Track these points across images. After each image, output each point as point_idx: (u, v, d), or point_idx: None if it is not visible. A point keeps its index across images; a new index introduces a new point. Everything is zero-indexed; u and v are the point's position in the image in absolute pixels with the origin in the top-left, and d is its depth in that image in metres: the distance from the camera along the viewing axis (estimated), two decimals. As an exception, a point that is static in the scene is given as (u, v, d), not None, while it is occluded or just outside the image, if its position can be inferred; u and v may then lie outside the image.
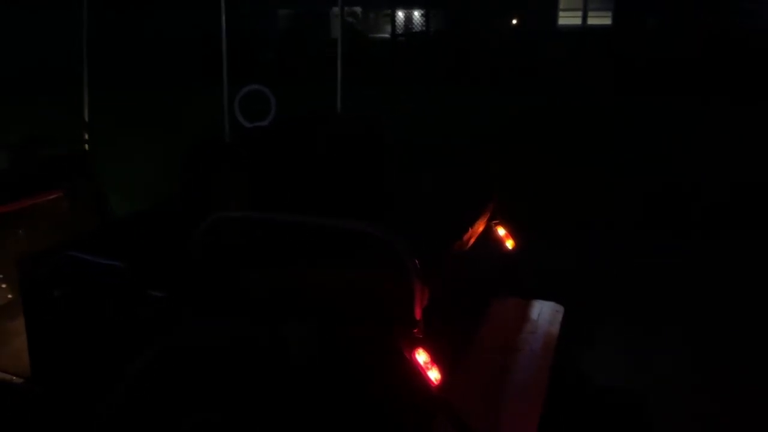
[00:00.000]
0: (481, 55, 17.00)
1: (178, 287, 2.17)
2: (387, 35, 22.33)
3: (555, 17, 18.72)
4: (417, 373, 1.93)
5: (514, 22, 19.56)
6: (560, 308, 2.95)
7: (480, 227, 2.70)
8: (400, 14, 22.35)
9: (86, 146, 3.61)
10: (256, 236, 2.13)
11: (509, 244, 3.00)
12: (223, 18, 2.34)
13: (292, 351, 2.03)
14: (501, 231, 3.00)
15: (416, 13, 22.38)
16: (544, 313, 2.90)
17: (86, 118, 3.62)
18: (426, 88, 13.77)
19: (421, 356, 1.95)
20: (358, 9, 23.27)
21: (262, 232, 2.12)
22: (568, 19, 18.68)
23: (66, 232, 3.29)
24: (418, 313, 1.94)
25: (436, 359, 1.95)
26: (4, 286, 3.08)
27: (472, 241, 2.60)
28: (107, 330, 2.31)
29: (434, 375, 1.95)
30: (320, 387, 2.01)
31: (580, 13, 18.34)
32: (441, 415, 1.98)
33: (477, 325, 2.76)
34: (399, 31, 21.85)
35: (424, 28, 21.55)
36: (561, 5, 18.67)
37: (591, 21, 18.18)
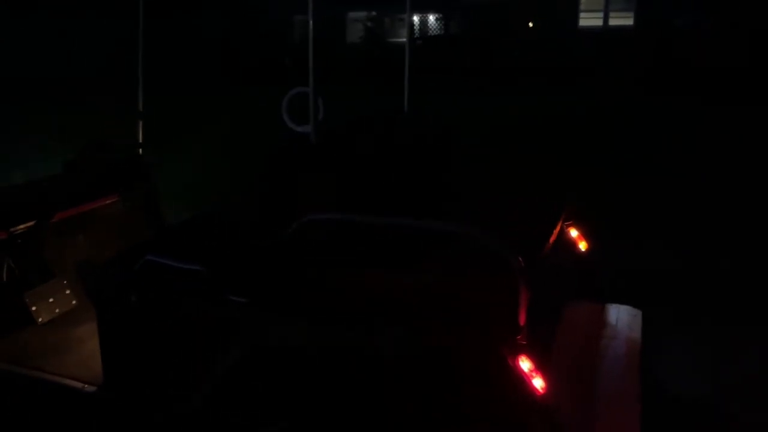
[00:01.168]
0: (506, 56, 16.93)
1: (263, 291, 2.11)
2: (404, 39, 22.31)
3: (576, 19, 18.60)
4: (521, 382, 1.85)
5: (531, 24, 19.49)
6: (637, 312, 2.86)
7: (558, 229, 2.62)
8: (416, 18, 22.32)
9: (140, 150, 3.57)
10: (344, 238, 2.06)
11: (582, 246, 2.91)
12: (310, 22, 2.27)
13: (385, 356, 1.96)
14: (574, 233, 2.91)
15: (431, 17, 22.38)
16: (622, 317, 2.81)
17: (140, 122, 3.57)
18: (451, 89, 13.70)
19: (525, 364, 1.87)
20: (373, 14, 23.28)
21: (349, 233, 2.05)
22: (588, 20, 18.55)
23: (123, 237, 3.24)
24: (522, 318, 1.86)
25: (540, 367, 1.87)
26: (68, 292, 3.04)
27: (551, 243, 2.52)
28: (186, 335, 2.25)
29: (539, 383, 1.87)
30: (414, 394, 1.94)
31: (601, 14, 18.21)
32: (544, 426, 1.90)
33: (554, 331, 2.68)
34: (416, 35, 21.82)
35: (442, 32, 21.53)
36: (582, 6, 18.54)
37: (612, 22, 18.04)
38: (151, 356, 2.35)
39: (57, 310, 2.97)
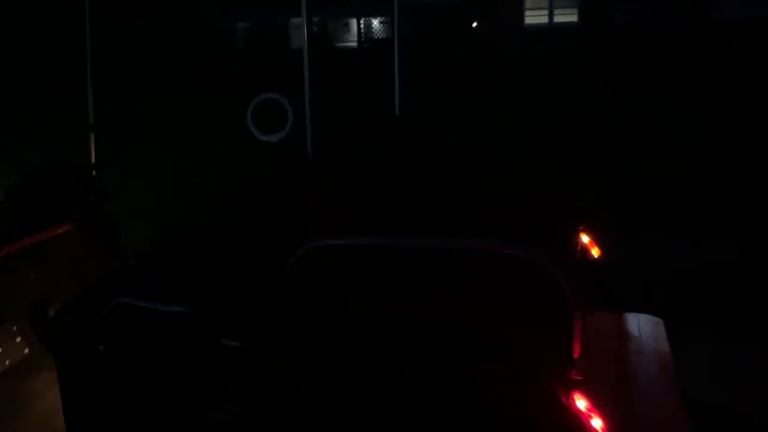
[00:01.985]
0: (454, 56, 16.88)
1: (264, 331, 1.79)
2: (350, 43, 22.07)
3: (522, 17, 18.70)
4: (578, 423, 1.59)
5: (475, 24, 19.49)
6: (659, 321, 2.64)
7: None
8: (359, 22, 22.09)
9: (93, 170, 3.17)
10: (359, 260, 1.77)
11: (595, 252, 2.69)
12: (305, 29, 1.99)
13: (414, 398, 1.67)
14: (585, 238, 2.69)
15: (375, 21, 22.17)
16: (645, 328, 2.59)
17: (92, 136, 3.18)
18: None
19: (582, 402, 1.61)
20: (316, 19, 22.93)
21: (366, 255, 1.76)
22: (533, 18, 18.68)
23: (80, 271, 2.85)
24: (576, 351, 1.60)
25: (598, 404, 1.62)
26: (18, 339, 2.62)
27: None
28: (168, 388, 1.91)
29: (598, 424, 1.61)
30: None
31: (546, 12, 18.36)
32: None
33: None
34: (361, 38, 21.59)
35: (388, 36, 21.31)
36: (527, 4, 18.67)
37: (558, 19, 18.22)
38: (125, 413, 2.00)
39: (7, 362, 2.57)
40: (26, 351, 2.62)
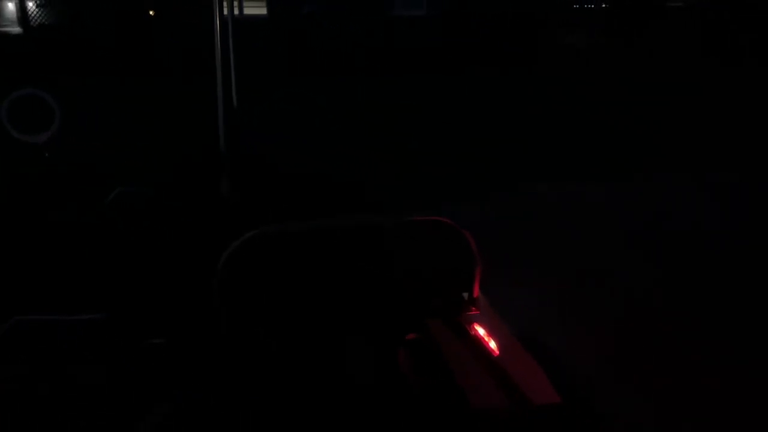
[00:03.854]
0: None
1: (198, 327, 1.82)
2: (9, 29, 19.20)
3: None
4: (480, 345, 2.01)
5: (151, 12, 18.76)
6: None
7: None
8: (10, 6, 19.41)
9: None
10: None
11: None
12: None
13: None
14: None
15: (30, 4, 19.72)
16: None
17: None
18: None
19: (480, 329, 2.04)
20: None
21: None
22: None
23: None
24: (476, 292, 2.01)
25: (491, 331, 2.06)
26: None
27: None
28: (87, 403, 1.80)
29: (493, 344, 2.05)
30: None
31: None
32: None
33: None
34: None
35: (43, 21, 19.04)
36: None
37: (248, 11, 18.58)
38: None
39: None
40: None
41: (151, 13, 18.23)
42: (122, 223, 2.48)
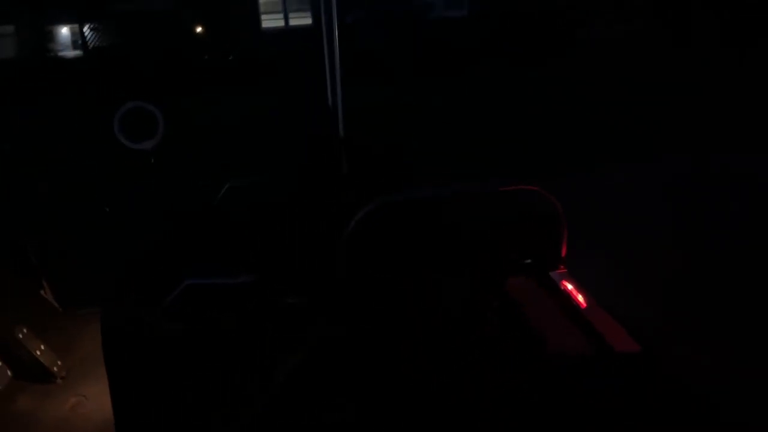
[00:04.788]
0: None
1: (329, 285, 2.13)
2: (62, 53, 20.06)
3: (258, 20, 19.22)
4: (569, 299, 2.29)
5: (199, 30, 19.49)
6: None
7: None
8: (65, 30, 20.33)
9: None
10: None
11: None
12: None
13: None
14: None
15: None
16: None
17: None
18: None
19: (569, 284, 2.32)
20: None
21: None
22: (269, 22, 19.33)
23: None
24: (563, 251, 2.30)
25: (579, 287, 2.34)
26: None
27: None
28: (233, 357, 2.13)
29: (581, 298, 2.33)
30: None
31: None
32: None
33: None
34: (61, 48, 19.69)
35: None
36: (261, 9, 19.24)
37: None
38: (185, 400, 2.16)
39: None
40: (9, 374, 2.49)
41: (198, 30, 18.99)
42: (235, 216, 2.83)
